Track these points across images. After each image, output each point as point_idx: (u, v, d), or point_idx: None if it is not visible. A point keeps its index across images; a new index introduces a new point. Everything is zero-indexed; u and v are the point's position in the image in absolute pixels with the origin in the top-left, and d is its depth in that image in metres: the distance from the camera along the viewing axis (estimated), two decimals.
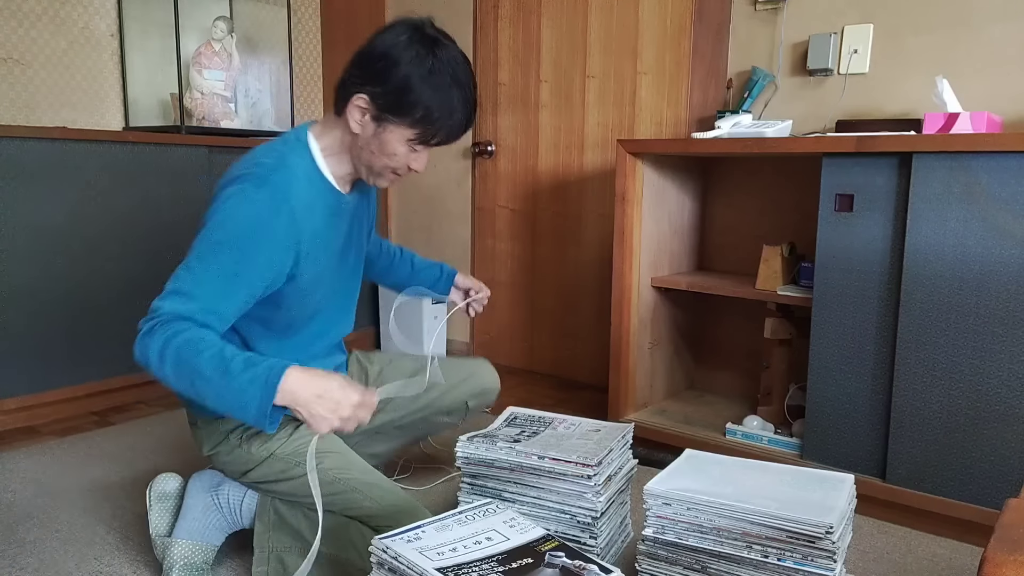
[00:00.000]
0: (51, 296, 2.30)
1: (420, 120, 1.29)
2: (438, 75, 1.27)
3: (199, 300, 1.21)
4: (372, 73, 1.29)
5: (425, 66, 1.27)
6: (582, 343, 2.79)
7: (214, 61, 2.88)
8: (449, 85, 1.29)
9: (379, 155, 1.34)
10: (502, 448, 1.49)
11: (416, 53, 1.27)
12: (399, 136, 1.31)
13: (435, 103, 1.28)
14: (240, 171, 1.29)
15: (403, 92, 1.27)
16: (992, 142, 1.55)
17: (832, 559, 1.17)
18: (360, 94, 1.29)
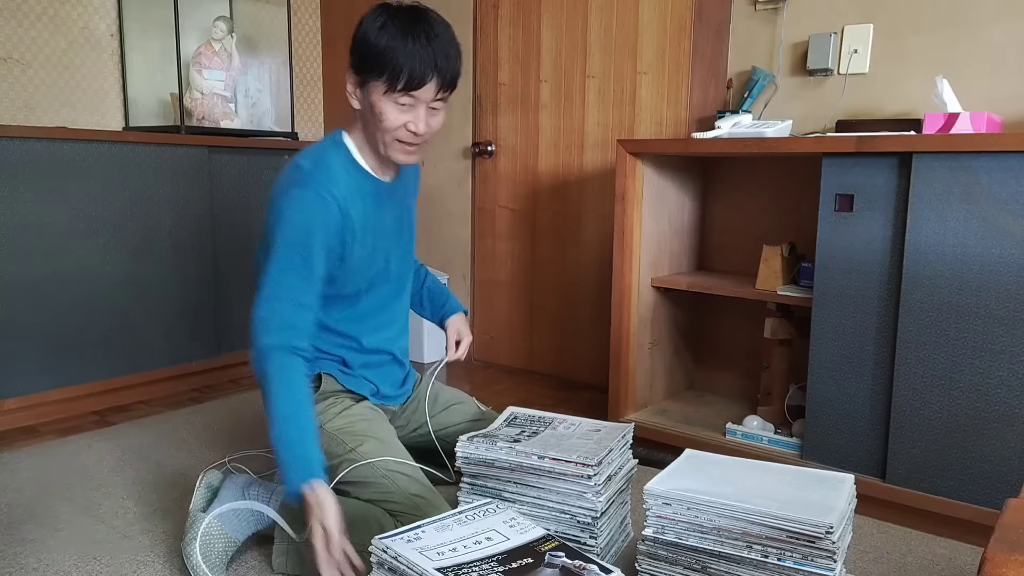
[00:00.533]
0: (51, 296, 2.30)
1: (382, 68, 1.38)
2: (390, 25, 1.38)
3: (285, 299, 1.41)
4: (351, 49, 1.44)
5: (378, 21, 1.39)
6: (582, 343, 2.79)
7: (214, 61, 2.88)
8: (401, 30, 1.38)
9: (376, 124, 1.44)
10: (502, 448, 1.49)
11: (372, 13, 1.42)
12: (378, 93, 1.41)
13: (389, 47, 1.37)
14: (286, 179, 1.47)
15: (362, 48, 1.40)
16: (992, 142, 1.55)
17: (832, 559, 1.17)
18: (348, 71, 1.45)
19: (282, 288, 1.41)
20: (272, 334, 1.39)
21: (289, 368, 1.38)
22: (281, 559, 1.45)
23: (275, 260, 1.41)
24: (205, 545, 1.42)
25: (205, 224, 2.67)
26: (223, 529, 1.46)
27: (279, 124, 3.23)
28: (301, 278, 1.41)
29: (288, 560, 1.44)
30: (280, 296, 1.40)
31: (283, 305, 1.40)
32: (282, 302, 1.40)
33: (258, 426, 2.28)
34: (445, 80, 1.44)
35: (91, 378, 2.42)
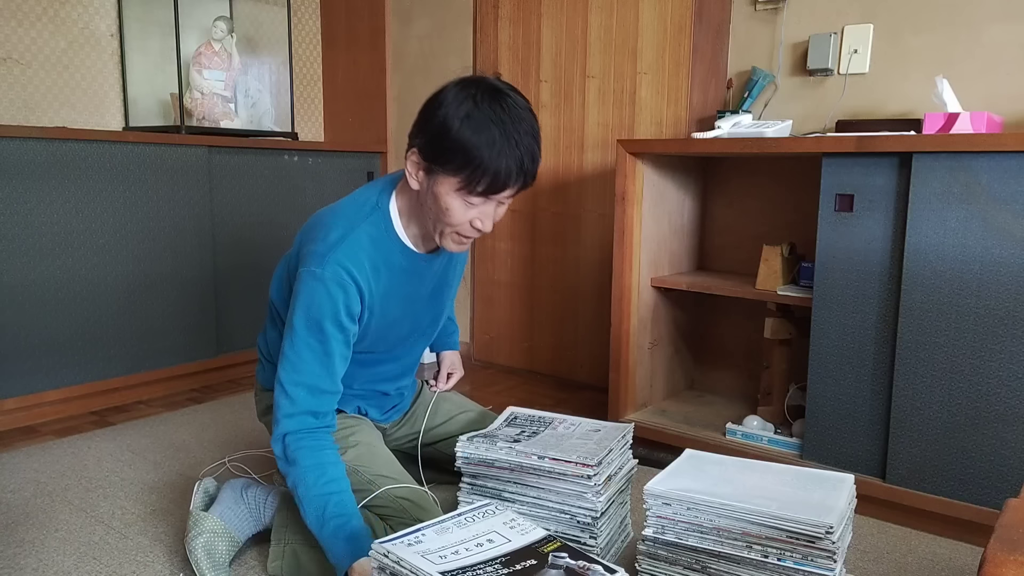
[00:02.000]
0: (51, 296, 2.30)
1: (461, 165, 1.24)
2: (475, 116, 1.23)
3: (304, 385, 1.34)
4: (420, 124, 1.29)
5: (464, 108, 1.23)
6: (582, 343, 2.79)
7: (214, 61, 2.88)
8: (489, 124, 1.22)
9: (436, 212, 1.31)
10: (502, 448, 1.49)
11: (455, 95, 1.25)
12: (447, 187, 1.27)
13: (473, 144, 1.22)
14: (310, 248, 1.36)
15: (441, 136, 1.24)
16: (992, 142, 1.55)
17: (832, 559, 1.17)
18: (412, 147, 1.30)
19: (301, 373, 1.34)
20: (294, 421, 1.33)
21: (317, 448, 1.33)
22: (277, 562, 1.44)
23: (293, 340, 1.34)
24: (209, 544, 1.42)
25: (205, 224, 2.67)
26: (226, 528, 1.46)
27: (279, 124, 3.23)
28: (320, 364, 1.34)
29: (284, 563, 1.44)
30: (299, 382, 1.34)
31: (303, 392, 1.34)
32: (301, 388, 1.34)
33: (257, 426, 2.28)
34: (527, 181, 1.30)
35: (90, 378, 2.42)
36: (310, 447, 1.32)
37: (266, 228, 2.86)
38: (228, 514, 1.48)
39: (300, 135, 3.36)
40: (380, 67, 3.27)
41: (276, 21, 3.23)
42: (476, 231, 1.33)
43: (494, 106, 1.23)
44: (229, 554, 1.45)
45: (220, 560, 1.42)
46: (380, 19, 3.23)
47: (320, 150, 3.05)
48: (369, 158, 3.24)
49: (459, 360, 1.89)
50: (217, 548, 1.43)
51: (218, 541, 1.44)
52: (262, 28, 3.23)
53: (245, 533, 1.50)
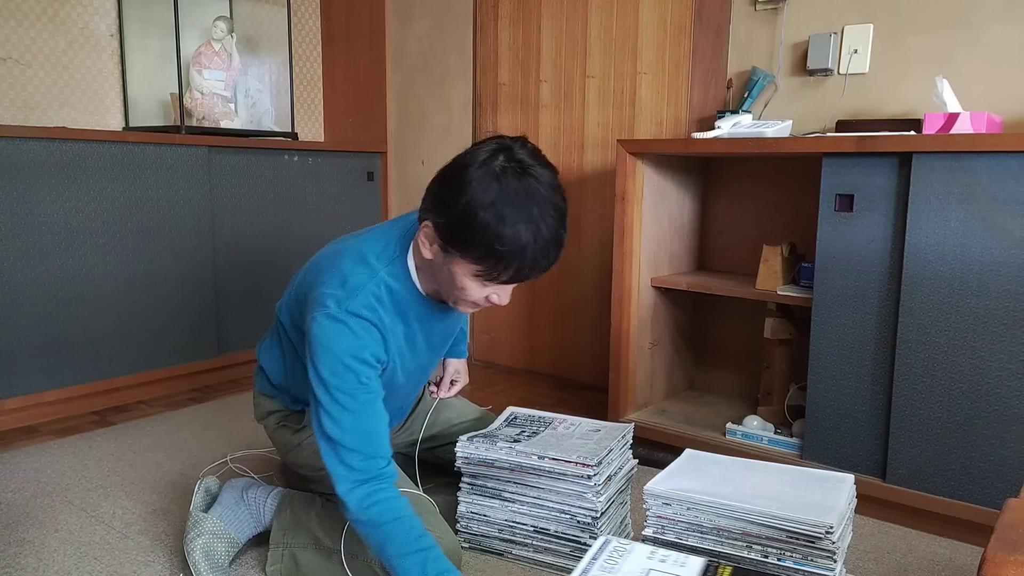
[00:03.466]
0: (51, 296, 2.30)
1: (483, 256, 1.16)
2: (502, 205, 1.13)
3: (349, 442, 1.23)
4: (437, 199, 1.20)
5: (490, 194, 1.13)
6: (582, 343, 2.79)
7: (214, 61, 2.88)
8: (516, 216, 1.13)
9: (451, 287, 1.26)
10: (502, 448, 1.49)
11: (480, 178, 1.15)
12: (465, 271, 1.21)
13: (497, 236, 1.14)
14: (326, 290, 1.27)
15: (463, 224, 1.15)
16: (992, 142, 1.55)
17: (832, 559, 1.17)
18: (427, 222, 1.21)
19: (345, 432, 1.23)
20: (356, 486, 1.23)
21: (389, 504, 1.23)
22: (276, 566, 1.44)
23: (324, 399, 1.23)
24: (207, 546, 1.42)
25: (205, 224, 2.67)
26: (226, 530, 1.46)
27: (279, 124, 3.23)
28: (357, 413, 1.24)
29: (283, 567, 1.44)
30: (345, 442, 1.23)
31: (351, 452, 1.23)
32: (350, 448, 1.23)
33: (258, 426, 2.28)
34: (551, 267, 1.25)
35: (90, 378, 2.42)
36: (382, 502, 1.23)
37: (266, 228, 2.86)
38: (228, 515, 1.48)
39: (300, 135, 3.36)
40: (380, 67, 3.27)
41: (276, 21, 3.23)
42: (491, 304, 1.29)
43: (520, 195, 1.14)
44: (228, 556, 1.45)
45: (219, 562, 1.42)
46: (380, 19, 3.23)
47: (320, 150, 3.05)
48: (369, 158, 3.24)
49: (465, 368, 1.84)
50: (216, 550, 1.43)
51: (217, 543, 1.44)
52: (262, 28, 3.23)
53: (245, 535, 1.50)
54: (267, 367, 1.57)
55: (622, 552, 1.11)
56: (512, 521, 1.51)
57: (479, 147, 1.20)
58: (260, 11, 3.22)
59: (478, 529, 1.54)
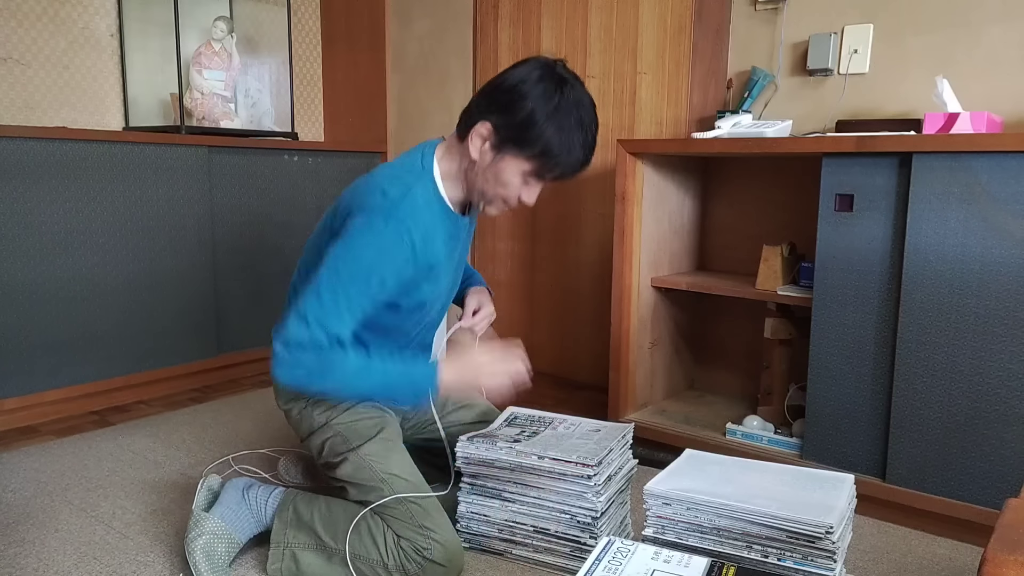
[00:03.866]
0: (51, 296, 2.30)
1: (539, 155, 1.33)
2: (563, 114, 1.31)
3: (328, 327, 1.31)
4: (499, 104, 1.34)
5: (552, 103, 1.31)
6: (582, 343, 2.79)
7: (214, 61, 2.88)
8: (572, 125, 1.32)
9: (493, 184, 1.39)
10: (502, 448, 1.49)
11: (544, 90, 1.31)
12: (515, 167, 1.36)
13: (556, 140, 1.32)
14: (367, 201, 1.38)
15: (526, 126, 1.31)
16: (992, 142, 1.55)
17: (832, 559, 1.17)
18: (485, 122, 1.35)
19: (329, 317, 1.31)
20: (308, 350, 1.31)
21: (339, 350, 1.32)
22: (276, 565, 1.44)
23: (331, 286, 1.32)
24: (208, 545, 1.42)
25: (205, 224, 2.67)
26: (226, 530, 1.46)
27: (279, 124, 3.23)
28: (351, 312, 1.33)
29: (283, 566, 1.44)
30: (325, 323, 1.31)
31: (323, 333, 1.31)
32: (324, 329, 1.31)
33: (258, 426, 2.28)
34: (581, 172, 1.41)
35: (90, 378, 2.42)
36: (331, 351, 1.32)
37: (266, 228, 2.86)
38: (229, 515, 1.48)
39: (300, 135, 3.36)
40: (380, 67, 3.27)
41: (276, 21, 3.23)
42: (521, 204, 1.43)
43: (577, 106, 1.33)
44: (229, 555, 1.45)
45: (219, 562, 1.42)
46: (380, 19, 3.23)
47: (320, 150, 3.05)
48: (369, 158, 3.24)
49: (487, 298, 1.73)
50: (216, 550, 1.43)
51: (217, 543, 1.43)
52: (262, 28, 3.23)
53: (246, 534, 1.50)
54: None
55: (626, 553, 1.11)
56: (512, 521, 1.51)
57: (526, 64, 1.36)
58: (260, 11, 3.22)
59: (478, 529, 1.54)
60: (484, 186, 1.41)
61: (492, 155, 1.37)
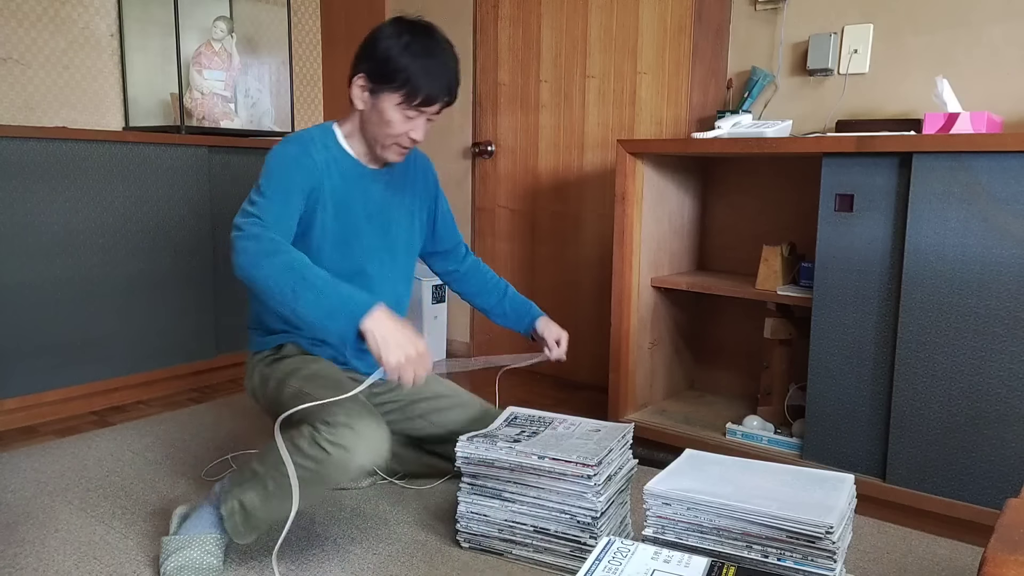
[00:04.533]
0: (50, 296, 2.30)
1: (402, 84, 1.50)
2: (413, 46, 1.50)
3: (268, 215, 1.45)
4: (363, 54, 1.55)
5: (402, 40, 1.50)
6: (582, 343, 2.79)
7: (214, 61, 2.88)
8: (423, 53, 1.50)
9: (380, 125, 1.56)
10: (502, 448, 1.49)
11: (396, 30, 1.52)
12: (391, 103, 1.52)
13: (412, 68, 1.49)
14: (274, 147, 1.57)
15: (385, 62, 1.50)
16: (992, 142, 1.55)
17: (832, 559, 1.17)
18: (358, 74, 1.55)
19: (265, 210, 1.45)
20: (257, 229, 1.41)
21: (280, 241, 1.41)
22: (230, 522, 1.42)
23: (259, 189, 1.48)
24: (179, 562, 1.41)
25: (205, 224, 2.67)
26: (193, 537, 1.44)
27: (279, 124, 3.23)
28: (282, 202, 1.48)
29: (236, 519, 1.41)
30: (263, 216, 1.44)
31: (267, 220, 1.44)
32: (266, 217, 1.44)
33: (258, 426, 2.28)
34: (451, 100, 1.58)
35: (90, 378, 2.42)
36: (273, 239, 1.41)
37: None
38: (190, 524, 1.47)
39: None
40: None
41: (276, 21, 3.23)
42: (412, 141, 1.58)
43: (427, 40, 1.53)
44: (210, 555, 1.43)
45: (202, 564, 1.42)
46: (380, 19, 3.21)
47: None
48: None
49: (557, 326, 1.83)
50: (191, 558, 1.42)
51: (189, 552, 1.42)
52: (262, 28, 3.23)
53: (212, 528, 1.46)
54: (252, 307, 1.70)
55: (626, 553, 1.11)
56: (512, 521, 1.51)
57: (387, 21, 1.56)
58: (260, 11, 3.21)
59: (478, 529, 1.54)
60: (375, 132, 1.57)
61: (370, 100, 1.55)
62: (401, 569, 1.49)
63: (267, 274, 1.35)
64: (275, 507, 1.39)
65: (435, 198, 1.83)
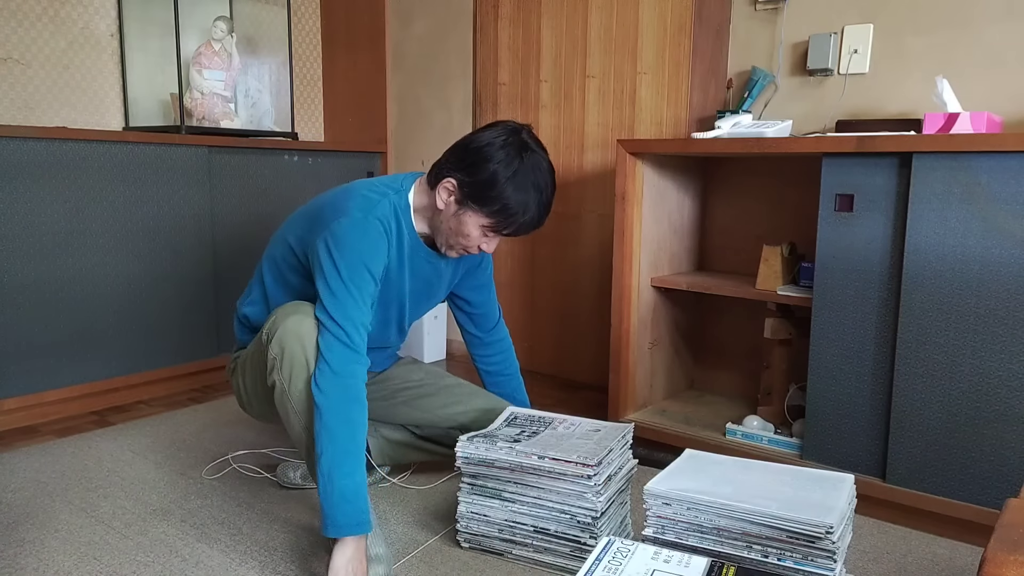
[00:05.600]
0: (50, 296, 2.30)
1: (497, 212, 1.46)
2: (521, 177, 1.45)
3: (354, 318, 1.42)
4: (465, 163, 1.47)
5: (512, 167, 1.44)
6: (582, 343, 2.79)
7: (214, 61, 2.88)
8: (529, 188, 1.45)
9: (455, 233, 1.52)
10: (502, 448, 1.49)
11: (507, 154, 1.45)
12: (475, 221, 1.49)
13: (513, 201, 1.45)
14: (348, 205, 1.50)
15: (487, 186, 1.45)
16: (992, 142, 1.55)
17: (832, 559, 1.17)
18: (450, 178, 1.48)
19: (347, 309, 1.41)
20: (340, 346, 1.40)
21: (352, 399, 1.39)
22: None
23: (342, 286, 1.42)
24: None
25: (205, 224, 2.67)
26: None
27: (279, 124, 3.23)
28: (360, 301, 1.43)
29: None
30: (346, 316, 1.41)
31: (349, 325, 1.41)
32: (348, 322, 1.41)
33: (258, 426, 2.28)
34: (536, 230, 1.55)
35: (90, 378, 2.42)
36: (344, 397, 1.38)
37: (266, 228, 2.86)
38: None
39: (300, 135, 3.36)
40: (380, 67, 3.27)
41: (276, 21, 3.23)
42: (480, 251, 1.56)
43: (535, 172, 1.47)
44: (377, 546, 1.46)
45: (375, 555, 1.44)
46: (380, 19, 3.23)
47: (320, 150, 3.05)
48: (369, 158, 3.24)
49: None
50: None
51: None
52: (262, 28, 3.23)
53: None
54: (251, 314, 1.70)
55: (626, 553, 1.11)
56: (512, 521, 1.51)
57: (495, 128, 1.50)
58: (260, 11, 3.22)
59: (478, 529, 1.54)
60: (447, 233, 1.54)
61: (455, 208, 1.49)
62: (401, 569, 1.49)
63: (320, 432, 1.37)
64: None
65: (478, 264, 1.80)
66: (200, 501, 1.78)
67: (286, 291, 1.64)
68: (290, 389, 1.44)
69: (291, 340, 1.43)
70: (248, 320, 1.72)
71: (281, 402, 1.47)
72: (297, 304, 1.49)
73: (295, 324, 1.43)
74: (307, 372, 1.42)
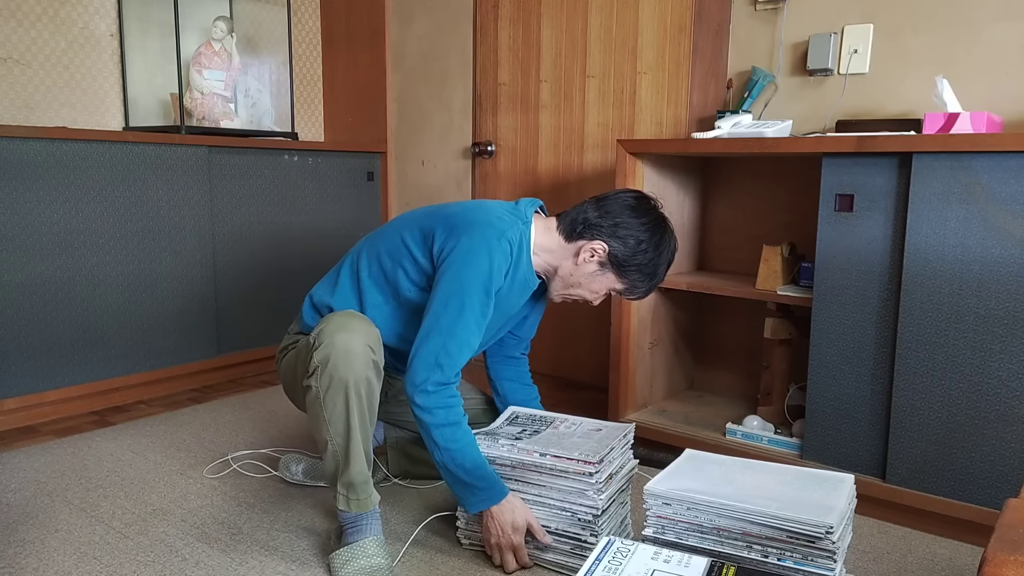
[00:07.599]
0: (50, 296, 2.30)
1: (635, 281, 1.58)
2: (661, 256, 1.57)
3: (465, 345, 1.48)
4: (616, 230, 1.55)
5: (660, 249, 1.56)
6: (582, 343, 2.79)
7: (214, 61, 2.88)
8: (662, 263, 1.58)
9: (584, 288, 1.60)
10: (504, 446, 1.49)
11: (659, 240, 1.56)
12: (610, 283, 1.59)
13: (651, 274, 1.58)
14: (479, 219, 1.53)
15: (635, 258, 1.55)
16: (992, 142, 1.55)
17: (832, 559, 1.17)
18: (602, 242, 1.55)
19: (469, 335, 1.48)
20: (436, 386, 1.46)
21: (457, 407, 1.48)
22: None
23: (455, 302, 1.47)
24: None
25: (205, 224, 2.67)
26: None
27: (279, 124, 3.23)
28: (477, 325, 1.48)
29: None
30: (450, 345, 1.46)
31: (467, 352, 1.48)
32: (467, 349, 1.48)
33: (258, 426, 2.28)
34: None
35: (90, 378, 2.42)
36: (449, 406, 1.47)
37: (266, 228, 2.86)
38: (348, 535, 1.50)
39: (300, 135, 3.36)
40: (380, 67, 3.27)
41: (276, 21, 3.23)
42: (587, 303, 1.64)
43: (669, 249, 1.59)
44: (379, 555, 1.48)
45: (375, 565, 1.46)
46: (380, 19, 3.23)
47: (320, 150, 3.05)
48: (369, 158, 3.24)
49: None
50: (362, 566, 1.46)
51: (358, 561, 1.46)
52: (262, 28, 3.23)
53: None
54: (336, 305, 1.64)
55: (626, 553, 1.11)
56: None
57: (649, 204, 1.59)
58: (260, 11, 3.22)
59: (479, 528, 1.54)
60: (572, 284, 1.61)
61: (596, 268, 1.57)
62: (401, 569, 1.50)
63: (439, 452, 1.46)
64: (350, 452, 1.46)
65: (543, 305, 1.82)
66: (200, 501, 1.78)
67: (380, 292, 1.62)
68: (325, 399, 1.44)
69: (335, 356, 1.43)
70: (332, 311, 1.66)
71: (313, 407, 1.47)
72: (349, 316, 1.48)
73: (343, 342, 1.42)
74: (344, 391, 1.42)
